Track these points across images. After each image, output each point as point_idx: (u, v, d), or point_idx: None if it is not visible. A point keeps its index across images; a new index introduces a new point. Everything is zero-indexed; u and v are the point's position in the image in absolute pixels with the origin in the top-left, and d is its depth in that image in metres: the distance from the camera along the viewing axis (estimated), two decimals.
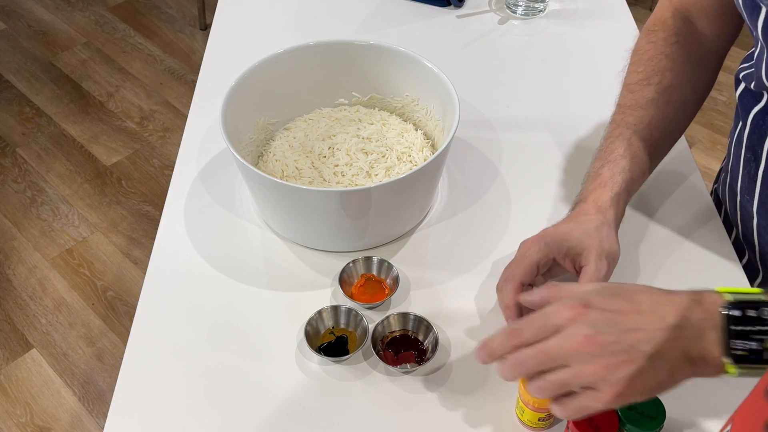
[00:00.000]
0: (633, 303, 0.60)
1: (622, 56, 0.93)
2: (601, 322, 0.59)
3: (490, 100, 1.08)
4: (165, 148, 2.31)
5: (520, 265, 0.75)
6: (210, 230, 0.90)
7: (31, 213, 2.10)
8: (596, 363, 0.58)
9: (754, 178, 0.81)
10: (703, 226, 0.90)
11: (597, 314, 0.59)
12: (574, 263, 0.76)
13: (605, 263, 0.74)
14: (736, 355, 0.56)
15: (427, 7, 1.26)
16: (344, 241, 0.86)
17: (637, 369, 0.57)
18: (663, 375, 0.58)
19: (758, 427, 0.35)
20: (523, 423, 0.71)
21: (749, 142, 0.81)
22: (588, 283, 0.71)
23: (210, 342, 0.79)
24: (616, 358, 0.57)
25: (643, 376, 0.57)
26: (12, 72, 2.57)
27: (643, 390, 0.58)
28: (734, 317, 0.56)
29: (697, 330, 0.57)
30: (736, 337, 0.56)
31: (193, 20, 2.80)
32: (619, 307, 0.60)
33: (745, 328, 0.56)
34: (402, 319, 0.78)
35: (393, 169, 0.88)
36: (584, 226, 0.76)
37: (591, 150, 0.99)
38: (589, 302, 0.60)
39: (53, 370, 1.75)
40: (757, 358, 0.56)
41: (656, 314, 0.58)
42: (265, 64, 0.92)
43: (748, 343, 0.56)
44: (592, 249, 0.74)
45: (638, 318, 0.59)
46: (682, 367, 0.58)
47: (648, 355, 0.57)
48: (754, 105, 0.79)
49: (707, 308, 0.58)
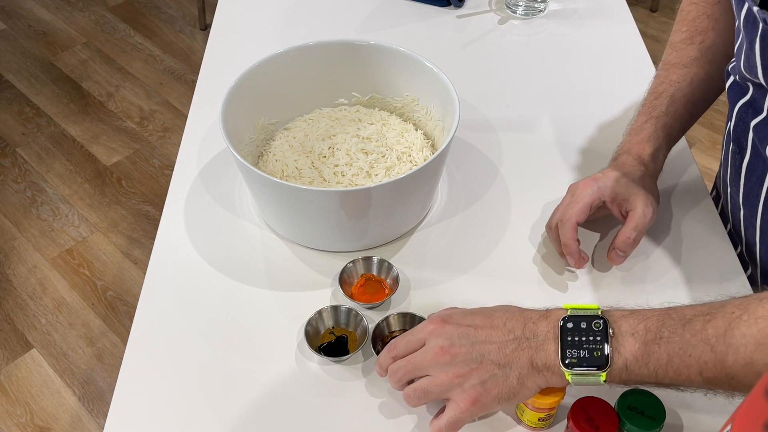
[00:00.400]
0: (487, 318, 0.66)
1: (622, 56, 0.93)
2: (455, 335, 0.66)
3: (490, 100, 1.08)
4: (165, 148, 2.31)
5: (576, 206, 0.81)
6: (210, 230, 0.90)
7: (31, 213, 2.10)
8: (450, 371, 0.64)
9: (740, 170, 0.84)
10: (703, 226, 0.90)
11: (453, 328, 0.66)
12: (620, 208, 0.83)
13: (651, 209, 0.81)
14: (569, 362, 0.62)
15: (427, 7, 1.26)
16: (344, 241, 0.86)
17: (487, 376, 0.64)
18: (513, 382, 0.63)
19: (758, 427, 0.35)
20: (523, 423, 0.71)
21: (734, 134, 0.84)
22: (627, 233, 0.80)
23: (210, 342, 0.79)
24: (468, 366, 0.64)
25: (495, 383, 0.64)
26: (12, 72, 2.57)
27: (498, 396, 0.64)
28: (568, 329, 0.63)
29: (541, 341, 0.63)
30: (570, 347, 0.62)
31: (193, 20, 2.80)
32: (474, 323, 0.66)
33: (575, 338, 0.62)
34: (402, 319, 0.78)
35: (393, 169, 0.88)
36: (630, 175, 0.83)
37: (591, 150, 0.99)
38: (449, 318, 0.68)
39: (53, 370, 1.75)
40: (588, 365, 0.62)
41: (506, 328, 0.65)
42: (265, 64, 0.92)
43: (579, 352, 0.62)
44: (639, 196, 0.81)
45: (490, 332, 0.65)
46: (530, 374, 0.63)
47: (497, 363, 0.64)
48: (741, 98, 0.81)
49: (551, 322, 0.64)
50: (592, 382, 0.62)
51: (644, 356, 0.60)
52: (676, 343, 0.59)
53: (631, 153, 0.86)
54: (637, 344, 0.61)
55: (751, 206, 0.83)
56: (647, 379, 0.61)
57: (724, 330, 0.57)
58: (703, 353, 0.58)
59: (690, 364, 0.58)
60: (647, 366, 0.60)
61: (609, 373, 0.62)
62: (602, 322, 0.62)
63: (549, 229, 0.85)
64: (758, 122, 0.78)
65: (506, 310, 0.67)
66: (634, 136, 0.88)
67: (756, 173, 0.80)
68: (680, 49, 0.90)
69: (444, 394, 0.66)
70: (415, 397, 0.67)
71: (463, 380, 0.64)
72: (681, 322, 0.60)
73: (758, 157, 0.79)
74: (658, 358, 0.60)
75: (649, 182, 0.84)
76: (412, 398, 0.67)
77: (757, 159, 0.80)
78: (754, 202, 0.82)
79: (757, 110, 0.78)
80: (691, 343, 0.58)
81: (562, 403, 0.69)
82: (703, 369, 0.58)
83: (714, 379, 0.58)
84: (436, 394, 0.66)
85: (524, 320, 0.65)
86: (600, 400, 0.66)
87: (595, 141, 0.97)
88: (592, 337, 0.62)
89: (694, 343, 0.58)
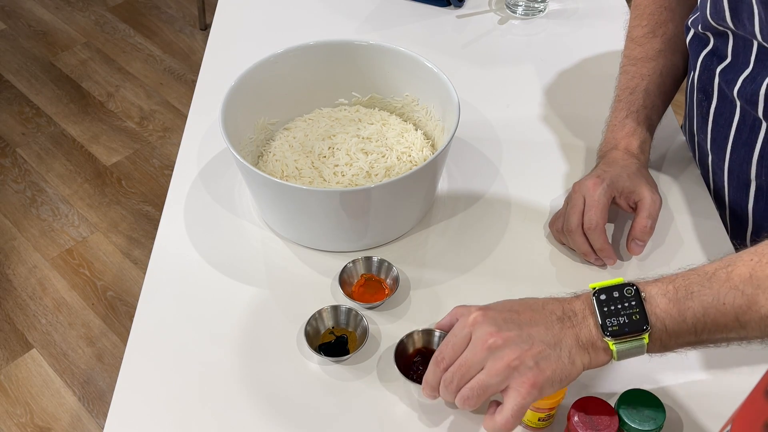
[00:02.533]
0: (524, 304, 0.67)
1: (621, 56, 0.93)
2: (500, 320, 0.65)
3: (490, 100, 1.08)
4: (165, 148, 2.31)
5: (596, 210, 0.82)
6: (210, 230, 0.90)
7: (31, 213, 2.10)
8: (505, 357, 0.63)
9: (706, 116, 0.88)
10: (702, 223, 0.90)
11: (496, 314, 0.66)
12: (627, 200, 0.85)
13: (657, 196, 0.84)
14: (611, 331, 0.63)
15: (427, 7, 1.26)
16: (344, 241, 0.86)
17: (541, 356, 0.63)
18: (565, 360, 0.63)
19: (758, 427, 0.35)
20: (523, 423, 0.71)
21: (700, 83, 0.89)
22: (644, 218, 0.82)
23: (210, 342, 0.79)
24: (521, 348, 0.63)
25: (549, 363, 0.63)
26: (12, 72, 2.57)
27: (552, 376, 0.63)
28: (602, 300, 0.64)
29: (580, 318, 0.64)
30: (609, 316, 0.63)
31: (193, 20, 2.80)
32: (514, 308, 0.66)
33: (612, 307, 0.63)
34: (426, 336, 0.75)
35: (393, 169, 0.88)
36: (627, 169, 0.85)
37: (592, 150, 0.99)
38: (486, 308, 0.67)
39: (53, 370, 1.74)
40: (630, 330, 0.62)
41: (546, 310, 0.66)
42: (265, 64, 0.92)
43: (618, 319, 0.63)
44: (643, 185, 0.84)
45: (533, 314, 0.65)
46: (578, 352, 0.64)
47: (547, 343, 0.63)
48: (703, 49, 0.86)
49: (584, 300, 0.65)
50: (636, 349, 0.63)
51: (680, 313, 0.62)
52: (707, 295, 0.61)
53: (619, 148, 0.89)
54: (671, 303, 0.62)
55: (719, 149, 0.88)
56: (687, 337, 0.63)
57: (749, 275, 0.60)
58: (736, 298, 0.60)
59: (726, 312, 0.61)
60: (685, 321, 0.62)
61: (651, 335, 0.63)
62: (634, 289, 0.64)
63: (568, 233, 0.84)
64: (724, 67, 0.83)
65: (536, 298, 0.68)
66: (618, 131, 0.90)
67: (723, 116, 0.85)
68: (644, 44, 0.94)
69: (503, 384, 0.63)
70: (475, 395, 0.64)
71: (519, 363, 0.62)
72: (706, 276, 0.62)
73: (725, 100, 0.84)
74: (694, 313, 0.61)
75: (645, 172, 0.87)
76: (471, 398, 0.64)
77: (723, 102, 0.85)
78: (722, 145, 0.87)
79: (721, 57, 0.83)
80: (722, 291, 0.61)
81: (562, 403, 0.69)
82: (739, 313, 0.60)
83: (750, 321, 0.60)
84: (496, 385, 0.63)
85: (560, 302, 0.66)
86: (600, 400, 0.66)
87: (595, 141, 0.97)
88: (627, 303, 0.63)
89: (724, 291, 0.61)
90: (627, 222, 0.89)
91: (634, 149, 0.88)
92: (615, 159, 0.87)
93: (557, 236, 0.87)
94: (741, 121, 0.83)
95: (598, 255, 0.83)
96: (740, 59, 0.81)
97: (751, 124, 0.82)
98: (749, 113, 0.81)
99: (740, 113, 0.83)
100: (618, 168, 0.85)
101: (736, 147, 0.85)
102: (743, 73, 0.80)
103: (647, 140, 0.90)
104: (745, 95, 0.80)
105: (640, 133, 0.89)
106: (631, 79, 0.93)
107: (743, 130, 0.83)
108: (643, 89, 0.91)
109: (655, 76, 0.92)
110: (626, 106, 0.91)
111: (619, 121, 0.91)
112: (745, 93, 0.80)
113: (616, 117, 0.92)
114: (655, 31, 0.94)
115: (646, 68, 0.93)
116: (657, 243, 0.88)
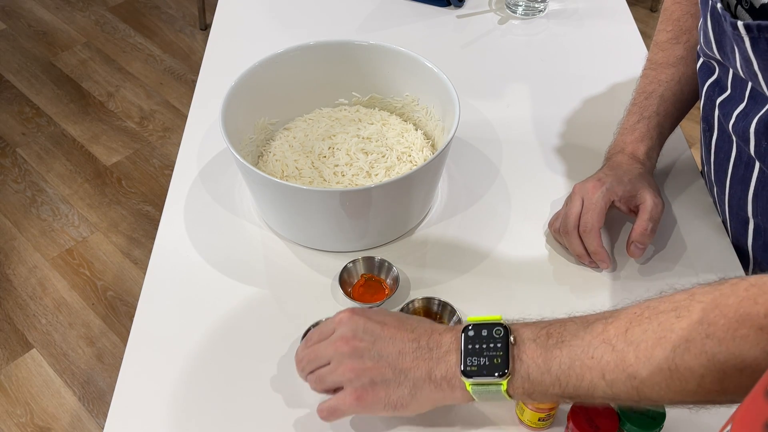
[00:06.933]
0: (397, 320, 0.66)
1: (622, 56, 0.93)
2: (360, 327, 0.65)
3: (490, 100, 1.08)
4: (165, 148, 2.31)
5: (593, 213, 0.82)
6: (210, 230, 0.90)
7: (31, 213, 2.10)
8: (347, 364, 0.64)
9: (710, 147, 0.86)
10: (704, 225, 0.90)
11: (361, 321, 0.65)
12: (628, 204, 0.84)
13: (660, 200, 0.83)
14: (469, 371, 0.61)
15: (427, 7, 1.26)
16: (344, 241, 0.86)
17: (380, 379, 0.63)
18: (405, 391, 0.62)
19: (758, 427, 0.35)
20: (523, 423, 0.71)
21: (704, 113, 0.86)
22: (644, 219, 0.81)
23: (210, 342, 0.79)
24: (364, 363, 0.63)
25: (385, 387, 0.63)
26: (12, 72, 2.57)
27: (385, 401, 0.63)
28: (469, 336, 0.62)
29: (443, 352, 0.63)
30: (471, 355, 0.61)
31: (193, 20, 2.80)
32: (385, 321, 0.66)
33: (476, 346, 0.61)
34: (427, 303, 0.79)
35: (393, 169, 0.88)
36: (630, 173, 0.84)
37: (591, 150, 0.99)
38: (362, 311, 0.67)
39: (53, 370, 1.75)
40: (487, 373, 0.60)
41: (413, 333, 0.64)
42: (265, 64, 0.92)
43: (479, 359, 0.61)
44: (645, 189, 0.83)
45: (396, 332, 0.64)
46: (426, 387, 0.62)
47: (393, 367, 0.63)
48: (708, 77, 0.84)
49: (455, 333, 0.64)
50: (493, 393, 0.61)
51: (546, 362, 0.59)
52: (577, 346, 0.58)
53: (625, 152, 0.88)
54: (539, 349, 0.60)
55: (720, 183, 0.86)
56: (551, 389, 0.59)
57: (625, 329, 0.57)
58: (605, 353, 0.57)
59: (592, 366, 0.57)
60: (549, 372, 0.59)
61: (511, 383, 0.60)
62: (503, 330, 0.62)
63: (564, 234, 0.84)
64: (723, 99, 0.81)
65: (421, 320, 0.68)
66: (627, 135, 0.89)
67: (723, 150, 0.83)
68: (666, 49, 0.92)
69: (337, 384, 0.65)
70: (313, 383, 0.67)
71: (356, 376, 0.63)
72: (583, 325, 0.59)
73: (724, 134, 0.82)
74: (560, 363, 0.58)
75: (648, 178, 0.86)
76: (312, 384, 0.67)
77: (723, 135, 0.82)
78: (722, 179, 0.85)
79: (722, 88, 0.81)
80: (593, 344, 0.58)
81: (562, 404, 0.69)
82: (605, 370, 0.57)
83: (616, 381, 0.57)
84: (331, 383, 0.65)
85: (432, 330, 0.65)
86: None
87: (595, 141, 0.97)
88: (493, 344, 0.61)
89: (595, 344, 0.57)
90: (629, 226, 0.89)
91: (641, 155, 0.87)
92: (619, 163, 0.86)
93: (556, 236, 0.87)
94: (737, 157, 0.81)
95: (592, 258, 0.83)
96: (737, 93, 0.78)
97: (746, 161, 0.79)
98: (744, 150, 0.79)
99: (736, 149, 0.80)
100: (620, 172, 0.84)
101: (734, 183, 0.83)
102: (738, 108, 0.78)
103: (655, 147, 0.89)
104: (738, 131, 0.78)
105: (648, 140, 0.88)
106: (649, 83, 0.91)
107: (739, 165, 0.81)
108: (659, 95, 0.90)
109: (673, 83, 0.90)
110: (639, 110, 0.90)
111: (630, 125, 0.90)
112: (737, 129, 0.78)
113: (628, 120, 0.90)
114: (679, 38, 0.92)
115: (664, 74, 0.91)
116: (659, 247, 0.88)
